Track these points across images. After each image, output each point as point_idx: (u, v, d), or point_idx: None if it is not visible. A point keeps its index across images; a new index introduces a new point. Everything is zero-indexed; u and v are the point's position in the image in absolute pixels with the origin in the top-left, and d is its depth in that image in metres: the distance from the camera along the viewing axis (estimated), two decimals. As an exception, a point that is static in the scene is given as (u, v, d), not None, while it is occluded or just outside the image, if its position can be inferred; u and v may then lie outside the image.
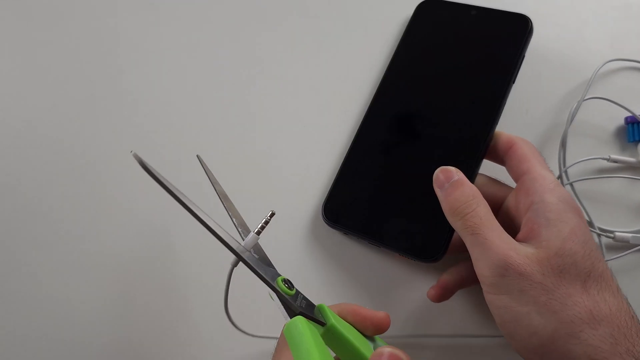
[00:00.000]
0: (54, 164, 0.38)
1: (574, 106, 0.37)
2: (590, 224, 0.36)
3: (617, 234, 0.35)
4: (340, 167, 0.36)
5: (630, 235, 0.35)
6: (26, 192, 0.37)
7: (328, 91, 0.41)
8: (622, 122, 0.38)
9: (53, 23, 0.41)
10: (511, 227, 0.30)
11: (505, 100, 0.35)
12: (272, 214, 0.27)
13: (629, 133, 0.37)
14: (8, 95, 0.40)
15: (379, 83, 0.39)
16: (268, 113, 0.40)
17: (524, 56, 0.36)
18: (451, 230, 0.32)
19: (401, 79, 0.38)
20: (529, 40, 0.37)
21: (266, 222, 0.27)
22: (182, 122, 0.39)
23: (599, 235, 0.36)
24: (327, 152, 0.39)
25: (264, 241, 0.28)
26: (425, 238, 0.33)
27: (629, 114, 0.37)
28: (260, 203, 0.37)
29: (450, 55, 0.38)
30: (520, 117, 0.39)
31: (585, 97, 0.37)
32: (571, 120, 0.37)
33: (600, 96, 0.38)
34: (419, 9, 0.41)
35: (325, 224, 0.36)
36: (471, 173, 0.33)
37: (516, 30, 0.37)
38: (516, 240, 0.28)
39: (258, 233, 0.27)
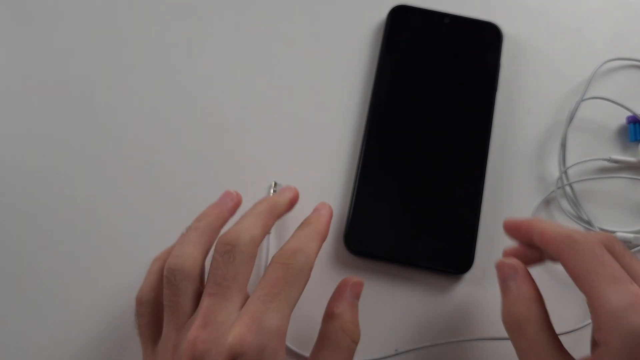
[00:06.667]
0: (50, 165, 0.38)
1: (573, 106, 0.37)
2: (590, 224, 0.36)
3: (618, 234, 0.35)
4: (355, 193, 0.36)
5: (632, 235, 0.35)
6: (20, 194, 0.37)
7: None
8: (623, 121, 0.38)
9: (50, 22, 0.41)
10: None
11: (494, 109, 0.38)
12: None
13: (631, 132, 0.37)
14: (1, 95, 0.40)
15: (370, 99, 0.38)
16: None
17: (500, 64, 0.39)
18: (475, 238, 0.35)
19: (393, 93, 0.38)
20: (502, 49, 0.39)
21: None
22: (180, 124, 0.40)
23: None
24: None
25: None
26: (454, 251, 0.35)
27: (631, 114, 0.37)
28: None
29: (435, 67, 0.39)
30: (522, 117, 0.39)
31: (585, 97, 0.37)
32: (570, 120, 0.37)
33: (600, 96, 0.37)
34: (392, 15, 0.40)
35: (349, 253, 0.35)
36: (481, 184, 0.36)
37: (490, 39, 0.39)
38: None
39: None
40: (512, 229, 0.30)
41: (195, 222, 0.30)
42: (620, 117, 0.38)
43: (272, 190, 0.37)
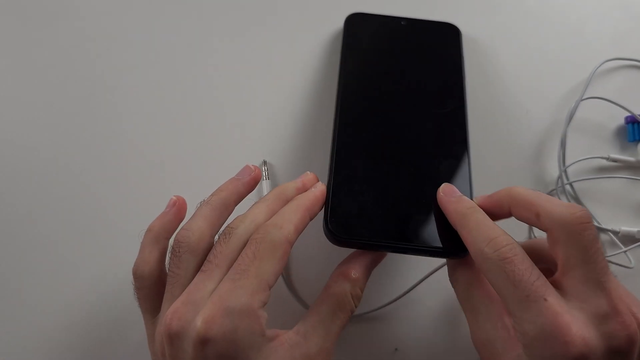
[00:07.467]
0: (44, 168, 0.38)
1: (572, 106, 0.37)
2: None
3: (623, 228, 0.35)
4: (332, 177, 0.32)
5: (636, 229, 0.35)
6: (12, 197, 0.38)
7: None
8: (622, 121, 0.38)
9: (46, 23, 0.42)
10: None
11: (466, 98, 0.36)
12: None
13: (629, 132, 0.37)
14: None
15: (337, 97, 0.36)
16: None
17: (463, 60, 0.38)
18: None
19: (362, 90, 0.36)
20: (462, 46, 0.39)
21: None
22: (177, 119, 0.40)
23: (604, 231, 0.36)
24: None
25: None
26: (446, 233, 0.30)
27: (629, 114, 0.37)
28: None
29: (399, 64, 0.38)
30: (521, 117, 0.39)
31: (584, 97, 0.38)
32: (569, 120, 0.37)
33: (599, 96, 0.38)
34: (348, 22, 0.40)
35: (331, 242, 0.31)
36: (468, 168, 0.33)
37: (450, 38, 0.39)
38: (553, 279, 0.25)
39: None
40: (490, 206, 0.28)
41: (210, 196, 0.29)
42: (619, 118, 0.38)
43: (264, 168, 0.37)
